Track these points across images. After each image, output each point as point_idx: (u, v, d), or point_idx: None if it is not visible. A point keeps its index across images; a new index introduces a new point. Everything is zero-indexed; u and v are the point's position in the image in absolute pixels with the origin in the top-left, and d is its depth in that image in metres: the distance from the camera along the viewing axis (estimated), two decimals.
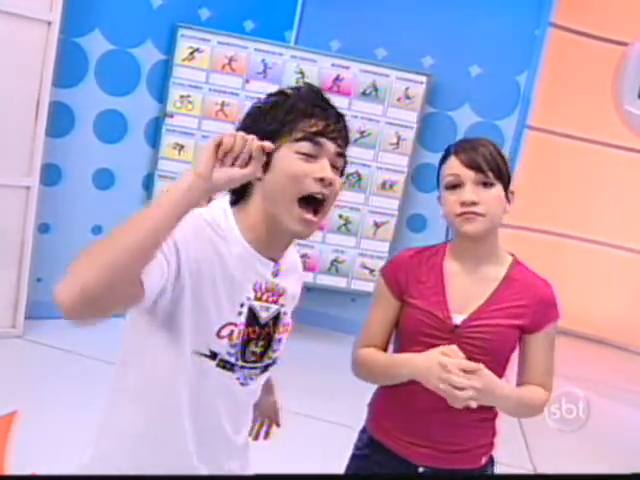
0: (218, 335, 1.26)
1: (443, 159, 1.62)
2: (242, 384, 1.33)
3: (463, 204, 1.53)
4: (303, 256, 4.38)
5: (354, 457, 1.75)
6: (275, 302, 1.34)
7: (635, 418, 4.21)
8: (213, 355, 1.27)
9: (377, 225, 4.45)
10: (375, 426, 1.70)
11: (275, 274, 1.33)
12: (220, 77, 4.18)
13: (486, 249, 1.61)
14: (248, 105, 1.35)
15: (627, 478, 1.35)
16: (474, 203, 1.53)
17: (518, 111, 4.42)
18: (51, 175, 3.94)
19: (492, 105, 4.40)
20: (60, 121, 3.89)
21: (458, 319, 1.57)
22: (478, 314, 1.57)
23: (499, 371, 1.55)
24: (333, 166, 1.27)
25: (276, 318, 1.36)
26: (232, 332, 1.27)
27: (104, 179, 4.15)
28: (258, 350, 1.33)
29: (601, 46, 4.84)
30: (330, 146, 1.26)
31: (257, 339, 1.32)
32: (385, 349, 1.66)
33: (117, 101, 4.06)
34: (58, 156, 3.93)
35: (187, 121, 4.21)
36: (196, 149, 4.25)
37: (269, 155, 1.21)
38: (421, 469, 1.63)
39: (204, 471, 1.34)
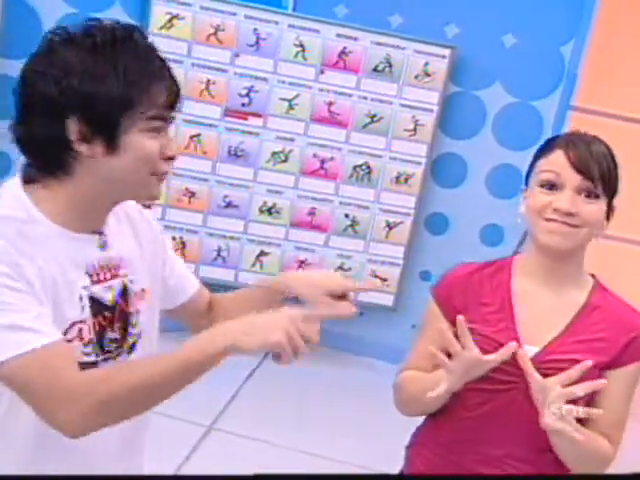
0: (66, 340, 1.17)
1: (543, 149, 1.48)
2: None
3: (556, 211, 1.40)
4: (302, 262, 4.01)
5: None
6: (115, 276, 1.26)
7: None
8: None
9: (390, 226, 4.06)
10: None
11: (103, 246, 1.25)
12: (204, 50, 3.75)
13: (569, 269, 1.48)
14: (237, 84, 1.25)
15: (627, 478, 1.33)
16: (570, 214, 1.39)
17: (561, 89, 3.96)
18: (2, 165, 3.51)
19: (529, 83, 3.95)
20: (8, 99, 3.35)
21: (530, 352, 1.43)
22: (555, 347, 1.44)
23: None
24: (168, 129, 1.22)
25: (124, 292, 1.28)
26: (81, 330, 1.21)
27: None
28: (118, 335, 1.27)
29: None
30: (173, 115, 1.21)
31: (111, 324, 1.26)
32: None
33: None
34: (5, 143, 3.39)
35: None
36: (177, 136, 3.74)
37: (112, 133, 1.14)
38: None
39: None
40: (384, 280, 4.07)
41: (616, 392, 1.44)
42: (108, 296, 1.25)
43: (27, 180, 1.20)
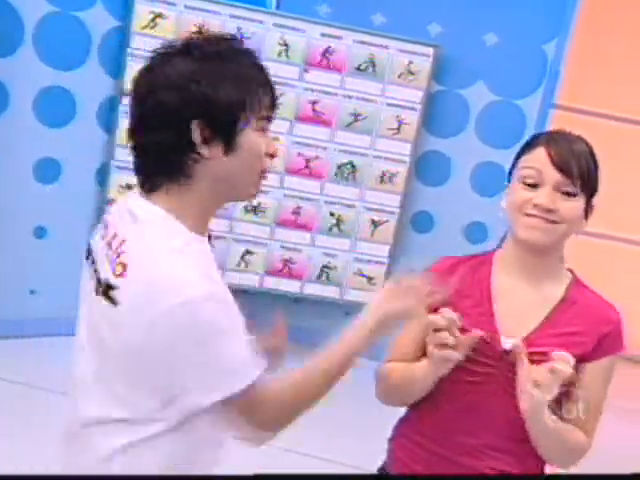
0: None
1: (526, 147, 1.50)
2: None
3: (536, 207, 1.42)
4: (287, 261, 4.02)
5: None
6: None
7: None
8: None
9: (375, 225, 4.06)
10: (398, 467, 1.60)
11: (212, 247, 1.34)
12: None
13: (547, 264, 1.50)
14: None
15: (627, 478, 1.35)
16: (549, 211, 1.42)
17: (544, 87, 3.98)
18: None
19: (512, 81, 3.97)
20: None
21: (508, 343, 1.46)
22: (532, 339, 1.46)
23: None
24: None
25: None
26: None
27: (48, 171, 3.69)
28: None
29: None
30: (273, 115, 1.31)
31: None
32: None
33: (62, 76, 3.59)
34: None
35: None
36: None
37: (231, 134, 1.22)
38: None
39: None
40: (370, 279, 4.07)
41: (591, 385, 1.47)
42: None
43: (147, 191, 1.25)
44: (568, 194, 1.43)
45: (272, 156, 1.29)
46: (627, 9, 4.47)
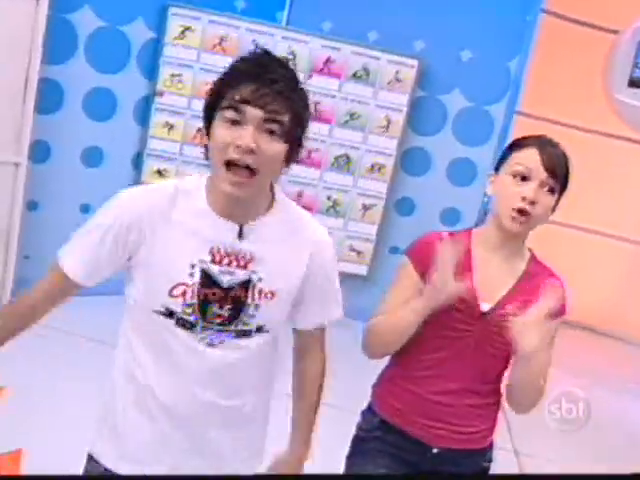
0: (170, 294, 1.33)
1: (517, 145, 1.64)
2: (210, 345, 1.37)
3: (524, 199, 1.56)
4: None
5: (363, 439, 1.76)
6: (243, 267, 1.35)
7: (620, 406, 4.28)
8: (170, 313, 1.34)
9: (365, 208, 4.49)
10: (385, 408, 1.73)
11: (240, 237, 1.34)
12: (211, 57, 4.17)
13: (517, 244, 1.67)
14: None
15: (627, 478, 1.37)
16: (534, 203, 1.57)
17: (508, 97, 4.44)
18: (40, 152, 3.93)
19: (482, 90, 4.42)
20: (49, 98, 3.88)
21: (485, 306, 1.61)
22: (505, 303, 1.61)
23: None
24: (268, 131, 1.28)
25: (246, 283, 1.36)
26: (185, 292, 1.33)
27: (93, 157, 4.14)
28: (225, 313, 1.36)
29: (592, 33, 4.86)
30: (255, 112, 1.26)
31: (220, 301, 1.35)
32: None
33: (107, 79, 4.05)
34: (47, 133, 3.92)
35: (177, 100, 4.22)
36: (185, 128, 4.25)
37: (208, 119, 1.31)
38: (435, 450, 1.69)
39: (178, 437, 1.41)
40: (359, 253, 4.51)
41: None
42: (224, 278, 1.35)
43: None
44: (549, 190, 1.58)
45: (238, 147, 1.24)
46: (580, 34, 4.89)
